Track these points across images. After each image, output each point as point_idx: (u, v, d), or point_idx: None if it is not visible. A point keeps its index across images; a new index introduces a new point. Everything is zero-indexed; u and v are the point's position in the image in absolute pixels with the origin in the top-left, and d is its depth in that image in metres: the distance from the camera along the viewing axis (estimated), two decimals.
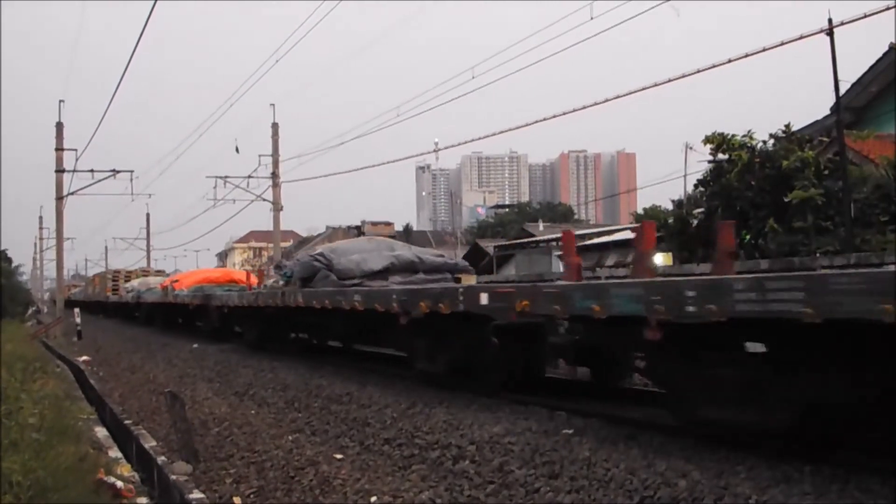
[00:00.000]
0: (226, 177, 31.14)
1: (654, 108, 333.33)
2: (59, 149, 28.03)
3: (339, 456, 6.50)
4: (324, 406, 8.56)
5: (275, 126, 30.11)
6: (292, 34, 78.17)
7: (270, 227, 31.78)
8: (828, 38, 12.76)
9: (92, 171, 28.55)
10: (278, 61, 23.77)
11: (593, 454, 5.35)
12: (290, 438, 7.32)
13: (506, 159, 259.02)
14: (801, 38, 12.79)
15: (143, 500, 5.43)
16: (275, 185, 30.09)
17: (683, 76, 14.92)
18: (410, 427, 6.93)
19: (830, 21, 12.50)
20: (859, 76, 17.86)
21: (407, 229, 72.43)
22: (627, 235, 27.18)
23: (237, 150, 30.08)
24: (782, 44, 13.11)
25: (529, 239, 37.99)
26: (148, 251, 54.33)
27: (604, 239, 28.45)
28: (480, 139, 71.56)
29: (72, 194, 28.87)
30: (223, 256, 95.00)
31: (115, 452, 6.94)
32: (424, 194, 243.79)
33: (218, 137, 32.49)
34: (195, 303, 18.59)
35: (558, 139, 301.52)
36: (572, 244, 7.38)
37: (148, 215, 53.35)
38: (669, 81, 15.02)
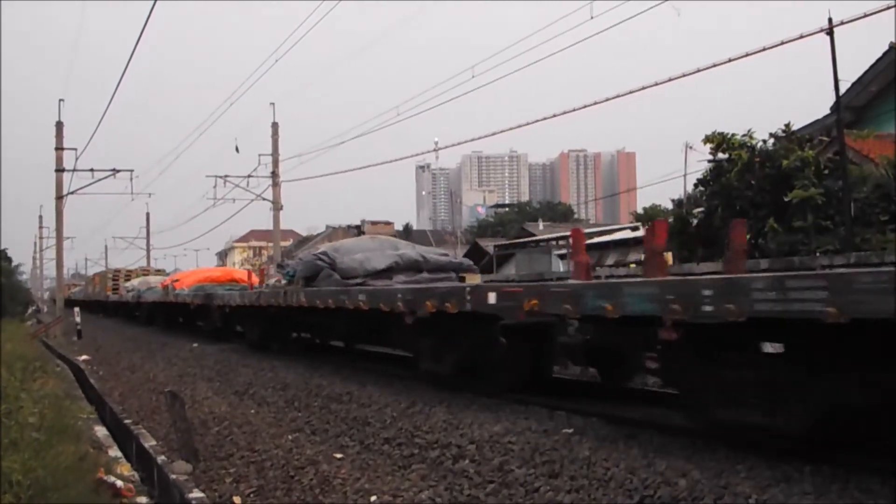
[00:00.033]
0: (226, 176, 31.16)
1: (654, 108, 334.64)
2: (59, 148, 28.00)
3: (339, 455, 6.50)
4: (324, 405, 8.55)
5: (275, 125, 30.10)
6: (292, 34, 78.77)
7: (270, 227, 31.76)
8: (828, 38, 12.73)
9: (92, 171, 28.58)
10: (278, 61, 23.85)
11: (593, 453, 5.35)
12: (290, 438, 7.32)
13: (506, 159, 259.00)
14: (801, 38, 12.80)
15: (143, 500, 5.44)
16: (275, 185, 30.08)
17: (683, 76, 14.94)
18: (410, 426, 6.92)
19: (830, 21, 12.48)
20: (859, 76, 17.84)
21: (407, 229, 72.46)
22: (627, 235, 27.23)
23: (237, 150, 30.10)
24: (782, 43, 13.11)
25: (529, 238, 37.97)
26: (148, 250, 54.49)
27: (604, 238, 28.47)
28: (480, 139, 71.57)
29: (72, 193, 28.88)
30: (223, 256, 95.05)
31: (115, 452, 6.95)
32: (424, 194, 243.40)
33: (218, 137, 32.58)
34: (196, 302, 18.52)
35: (558, 139, 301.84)
36: (581, 243, 7.33)
37: (148, 214, 53.53)
38: (669, 81, 15.04)
